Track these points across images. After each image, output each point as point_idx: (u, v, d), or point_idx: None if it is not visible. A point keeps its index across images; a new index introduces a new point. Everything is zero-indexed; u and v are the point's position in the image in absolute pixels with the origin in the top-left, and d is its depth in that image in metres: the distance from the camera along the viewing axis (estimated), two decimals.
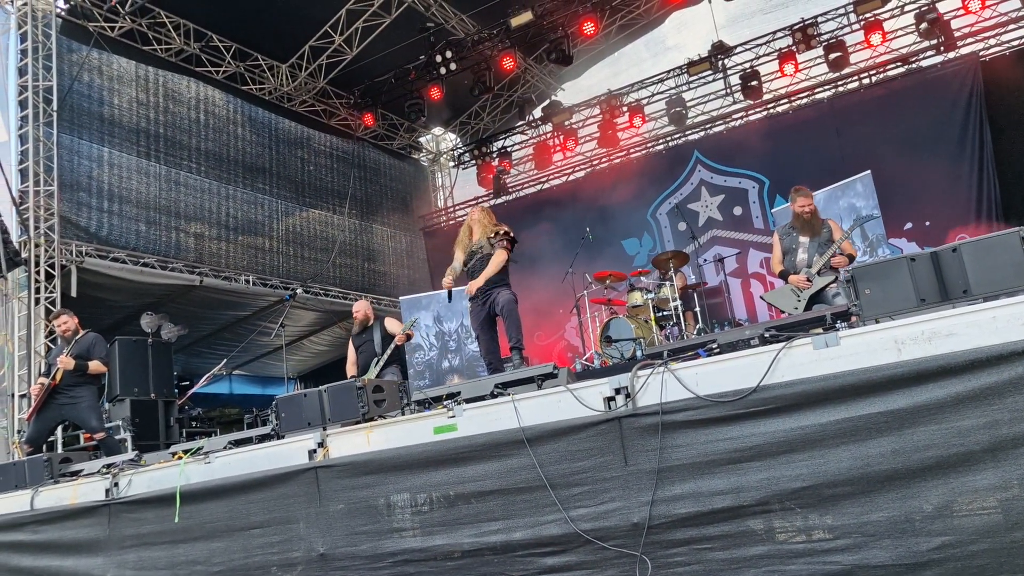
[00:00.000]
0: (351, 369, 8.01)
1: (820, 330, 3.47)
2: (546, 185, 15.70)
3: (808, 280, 6.60)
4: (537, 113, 15.78)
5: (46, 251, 10.03)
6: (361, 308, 8.15)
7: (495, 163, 15.93)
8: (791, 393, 3.26)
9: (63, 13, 10.85)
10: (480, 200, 15.86)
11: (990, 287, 3.30)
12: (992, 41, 11.66)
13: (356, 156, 15.43)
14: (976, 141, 10.97)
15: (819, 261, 6.60)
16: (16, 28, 10.43)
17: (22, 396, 9.60)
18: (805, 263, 6.70)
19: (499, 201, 15.76)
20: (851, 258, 6.60)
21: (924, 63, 12.05)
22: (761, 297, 10.03)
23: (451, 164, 17.61)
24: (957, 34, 11.65)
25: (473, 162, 16.47)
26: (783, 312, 6.83)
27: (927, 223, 11.08)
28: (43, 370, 7.69)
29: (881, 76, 12.39)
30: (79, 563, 5.54)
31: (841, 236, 6.63)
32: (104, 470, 5.70)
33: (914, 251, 3.72)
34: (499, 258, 6.59)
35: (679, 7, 12.83)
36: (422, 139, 17.33)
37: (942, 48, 11.74)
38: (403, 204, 16.43)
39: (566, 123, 14.87)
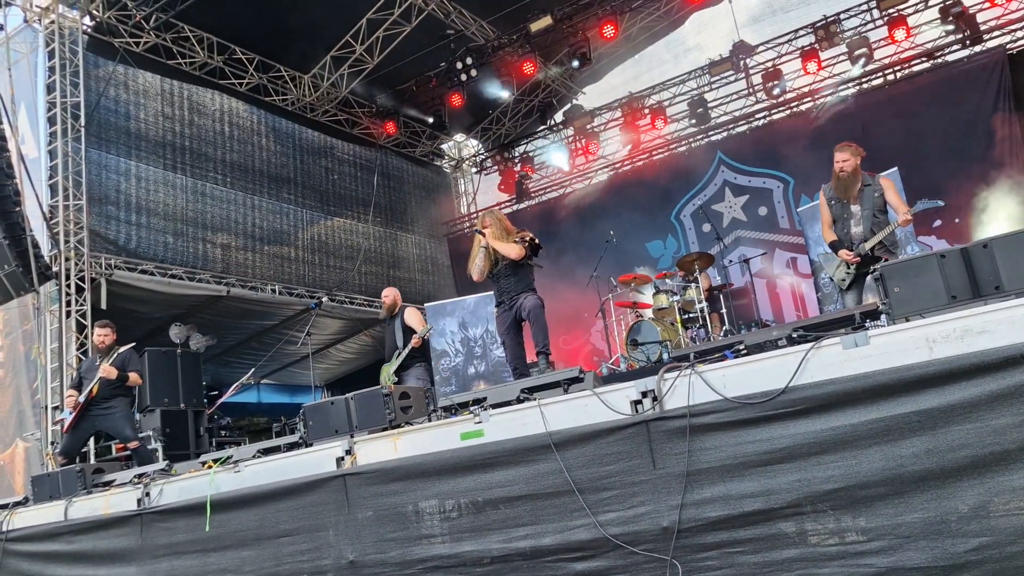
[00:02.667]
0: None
1: (850, 329, 3.43)
2: (568, 189, 15.69)
3: (859, 256, 6.11)
4: (558, 117, 15.80)
5: (76, 264, 10.17)
6: (390, 294, 8.31)
7: (517, 168, 15.95)
8: (821, 394, 3.22)
9: (89, 30, 11.01)
10: (503, 204, 15.88)
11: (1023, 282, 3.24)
12: (1020, 33, 11.46)
13: (379, 164, 15.50)
14: (1005, 135, 10.80)
15: (874, 239, 6.09)
16: (44, 46, 10.60)
17: (55, 408, 9.73)
18: (861, 237, 6.19)
19: (521, 206, 15.78)
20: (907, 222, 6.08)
21: (950, 57, 11.88)
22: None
23: (473, 170, 17.65)
24: (983, 27, 11.49)
25: (495, 167, 16.50)
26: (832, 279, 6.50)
27: (956, 220, 10.92)
28: (74, 382, 7.78)
29: (906, 72, 12.25)
30: (112, 572, 5.60)
31: (904, 211, 6.00)
32: (135, 480, 5.76)
33: (944, 248, 3.66)
34: (513, 251, 6.57)
35: (700, 7, 12.77)
36: (444, 146, 17.38)
37: (968, 42, 11.58)
38: (426, 211, 16.49)
39: (588, 127, 14.86)
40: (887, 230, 6.08)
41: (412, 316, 8.03)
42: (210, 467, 5.29)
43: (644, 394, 3.68)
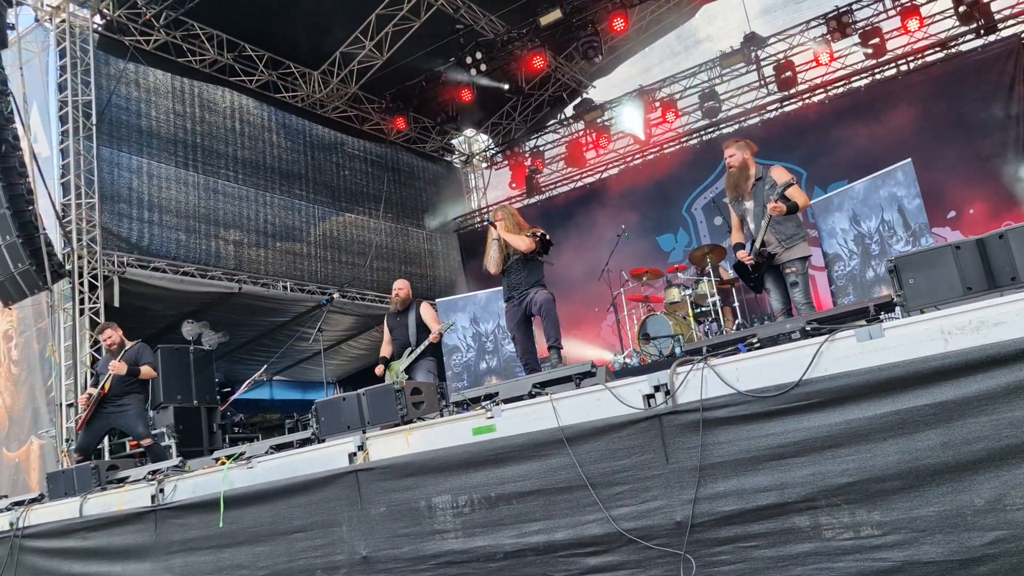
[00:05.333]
0: (386, 349, 7.92)
1: (864, 322, 3.40)
2: (579, 183, 15.65)
3: (751, 256, 5.89)
4: (568, 111, 15.76)
5: (89, 262, 10.23)
6: (404, 286, 7.94)
7: (527, 163, 15.92)
8: (835, 387, 3.19)
9: (100, 29, 11.06)
10: (513, 200, 15.87)
11: None
12: None
13: (390, 160, 15.53)
14: (1020, 125, 10.70)
15: (760, 233, 5.80)
16: (55, 45, 10.66)
17: (69, 405, 9.79)
18: (755, 235, 5.89)
19: (532, 201, 15.75)
20: (793, 207, 5.65)
21: (963, 47, 11.78)
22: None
23: (484, 165, 17.63)
24: (997, 16, 11.37)
25: (505, 162, 16.49)
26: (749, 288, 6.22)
27: (971, 211, 10.83)
28: (91, 382, 7.83)
29: (919, 62, 12.15)
30: (127, 568, 5.63)
31: (778, 190, 5.62)
32: (149, 477, 5.78)
33: (959, 239, 3.62)
34: (523, 243, 6.57)
35: None
36: (454, 141, 17.37)
37: (982, 31, 11.47)
38: (437, 206, 16.49)
39: (598, 120, 14.81)
40: (764, 225, 5.76)
41: (427, 312, 7.73)
42: (223, 463, 5.31)
43: (656, 388, 3.66)
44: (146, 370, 7.41)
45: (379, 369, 7.84)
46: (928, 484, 3.00)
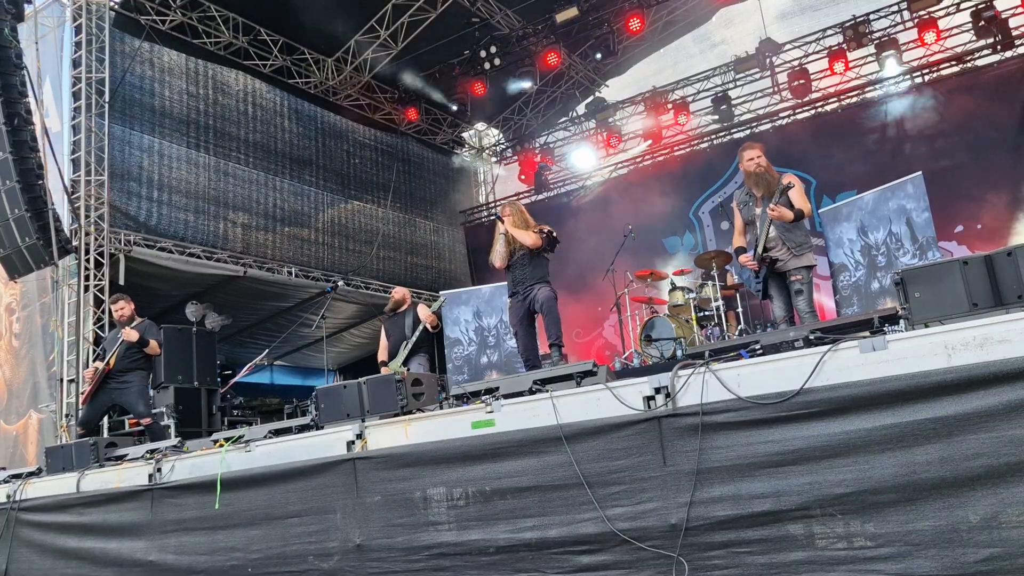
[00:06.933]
0: (382, 354, 8.12)
1: (867, 333, 3.39)
2: (588, 181, 15.64)
3: (755, 261, 5.90)
4: (581, 109, 15.73)
5: (96, 239, 10.24)
6: (400, 290, 8.38)
7: (537, 159, 15.91)
8: (836, 397, 3.19)
9: (116, 7, 11.05)
10: (521, 196, 15.85)
11: None
12: None
13: (400, 150, 15.52)
14: None
15: (762, 240, 5.79)
16: (71, 21, 10.67)
17: (70, 381, 9.82)
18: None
19: (540, 197, 15.74)
20: (799, 215, 5.68)
21: (979, 62, 11.74)
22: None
23: (493, 160, 17.61)
24: (1015, 33, 11.33)
25: (515, 158, 16.46)
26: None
27: (979, 226, 10.80)
28: (97, 356, 7.87)
29: (934, 75, 12.10)
30: (122, 545, 5.65)
31: (780, 196, 5.70)
32: (148, 455, 5.80)
33: (967, 254, 3.61)
34: (529, 238, 6.59)
35: (728, 3, 12.67)
36: (465, 134, 17.34)
37: (999, 47, 11.43)
38: (445, 199, 16.49)
39: (610, 119, 14.79)
40: (767, 227, 5.77)
41: (424, 312, 8.00)
42: (221, 446, 5.32)
43: (657, 390, 3.66)
44: (153, 345, 7.45)
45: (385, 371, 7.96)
46: (924, 498, 3.00)
